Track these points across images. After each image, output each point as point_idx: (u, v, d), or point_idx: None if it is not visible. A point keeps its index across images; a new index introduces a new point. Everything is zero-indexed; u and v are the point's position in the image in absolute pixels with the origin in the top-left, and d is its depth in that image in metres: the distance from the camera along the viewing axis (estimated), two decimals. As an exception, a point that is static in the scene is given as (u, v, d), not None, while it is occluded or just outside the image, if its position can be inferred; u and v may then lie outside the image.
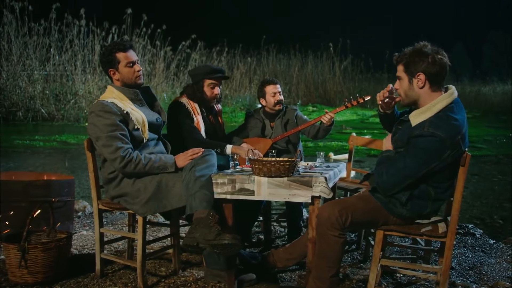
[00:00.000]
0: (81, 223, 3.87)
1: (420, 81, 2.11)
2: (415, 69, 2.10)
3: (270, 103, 3.35)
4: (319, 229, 2.15)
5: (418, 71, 2.10)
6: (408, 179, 2.10)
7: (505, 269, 3.03)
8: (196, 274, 2.75)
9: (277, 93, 3.33)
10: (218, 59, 15.08)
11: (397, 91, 2.22)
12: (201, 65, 3.13)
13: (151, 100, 2.74)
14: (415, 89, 2.13)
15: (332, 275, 2.15)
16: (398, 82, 2.20)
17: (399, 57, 2.17)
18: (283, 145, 3.36)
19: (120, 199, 2.53)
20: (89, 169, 2.61)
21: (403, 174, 2.10)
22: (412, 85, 2.13)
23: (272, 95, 3.33)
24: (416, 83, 2.12)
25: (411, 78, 2.12)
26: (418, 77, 2.11)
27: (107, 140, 2.41)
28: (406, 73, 2.13)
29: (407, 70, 2.13)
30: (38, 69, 11.43)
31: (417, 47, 2.12)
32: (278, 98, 3.34)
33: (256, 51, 17.62)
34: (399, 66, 2.17)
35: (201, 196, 2.32)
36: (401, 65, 2.15)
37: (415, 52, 2.11)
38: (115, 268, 2.81)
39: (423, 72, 2.09)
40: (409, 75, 2.13)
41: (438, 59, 2.07)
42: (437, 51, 2.09)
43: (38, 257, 2.45)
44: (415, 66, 2.09)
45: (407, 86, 2.15)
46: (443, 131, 2.01)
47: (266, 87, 3.35)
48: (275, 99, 3.33)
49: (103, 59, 2.57)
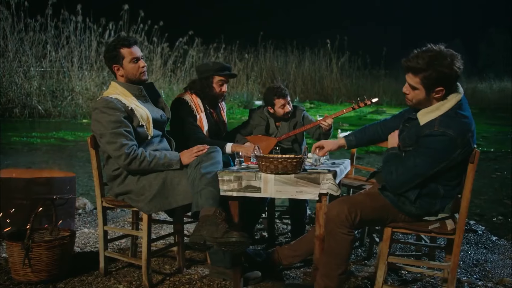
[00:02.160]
0: (82, 221, 3.84)
1: (439, 94, 2.02)
2: (436, 83, 1.98)
3: (279, 114, 3.29)
4: (328, 226, 2.13)
5: (439, 85, 1.99)
6: (417, 178, 2.08)
7: (509, 266, 3.03)
8: (200, 271, 2.73)
9: (286, 104, 3.27)
10: (215, 55, 15.03)
11: (407, 96, 2.12)
12: (211, 61, 3.09)
13: (155, 96, 2.71)
14: (431, 99, 2.06)
15: (340, 273, 2.14)
16: (409, 89, 2.07)
17: (414, 66, 1.98)
18: (288, 144, 3.34)
19: (125, 196, 2.51)
20: (93, 166, 2.58)
21: (413, 173, 2.08)
22: (429, 96, 2.04)
23: (281, 108, 3.27)
24: (434, 95, 2.03)
25: (429, 92, 2.02)
26: (437, 90, 2.01)
27: (112, 137, 2.38)
28: (424, 85, 2.01)
29: (425, 83, 1.99)
30: (34, 66, 11.31)
31: (433, 54, 1.95)
32: (287, 110, 3.28)
33: (253, 48, 17.59)
34: (415, 77, 2.01)
35: (207, 193, 2.30)
36: (417, 77, 2.00)
37: (435, 61, 1.94)
38: (119, 266, 2.79)
39: (443, 85, 1.99)
40: (427, 88, 2.01)
41: (457, 69, 1.97)
42: (455, 57, 1.97)
43: (42, 255, 2.42)
44: (436, 79, 1.97)
45: (422, 97, 2.05)
46: (453, 130, 1.98)
47: (276, 100, 3.25)
48: (284, 111, 3.27)
49: (107, 54, 2.53)
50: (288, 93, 3.31)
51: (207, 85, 3.00)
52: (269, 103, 3.30)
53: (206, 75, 3.01)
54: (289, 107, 3.29)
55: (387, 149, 2.32)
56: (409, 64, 2.01)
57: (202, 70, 3.04)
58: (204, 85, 3.00)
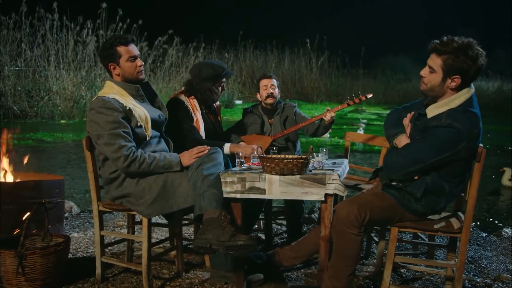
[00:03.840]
0: (70, 225, 3.71)
1: (454, 83, 2.02)
2: (455, 70, 1.98)
3: (262, 97, 3.35)
4: (337, 227, 2.11)
5: (457, 73, 1.99)
6: (417, 163, 2.06)
7: (503, 262, 3.09)
8: (200, 275, 2.67)
9: (269, 86, 3.32)
10: (194, 54, 14.90)
11: (423, 79, 2.10)
12: (209, 65, 2.95)
13: (151, 95, 2.63)
14: (445, 87, 2.05)
15: (349, 274, 2.12)
16: (427, 71, 2.07)
17: (441, 48, 1.98)
18: (282, 143, 3.31)
19: (123, 200, 2.42)
20: (88, 169, 2.48)
21: (414, 157, 2.06)
22: (445, 83, 2.03)
23: (264, 89, 3.33)
24: (449, 83, 2.03)
25: (446, 77, 2.02)
26: (454, 78, 2.01)
27: (110, 138, 2.29)
28: (443, 69, 2.00)
29: (445, 67, 1.99)
30: (8, 65, 10.96)
31: (464, 43, 1.97)
32: (269, 91, 3.31)
33: (233, 47, 17.53)
34: (437, 58, 2.01)
35: (210, 195, 2.24)
36: (440, 59, 1.99)
37: (461, 50, 1.95)
38: (115, 272, 2.69)
39: (461, 75, 1.99)
40: (445, 74, 2.01)
41: (481, 64, 1.98)
42: (482, 54, 1.98)
43: (37, 263, 2.31)
44: (456, 66, 1.97)
45: (438, 82, 2.04)
46: (460, 123, 1.99)
47: (260, 81, 3.38)
48: (266, 92, 3.32)
49: (103, 52, 2.44)
50: (275, 78, 3.40)
51: (208, 89, 2.91)
52: (257, 89, 3.42)
53: (210, 81, 2.89)
54: (272, 90, 3.32)
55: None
56: (437, 45, 2.02)
57: (206, 77, 2.89)
58: (206, 90, 2.92)
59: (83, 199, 4.89)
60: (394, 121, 2.34)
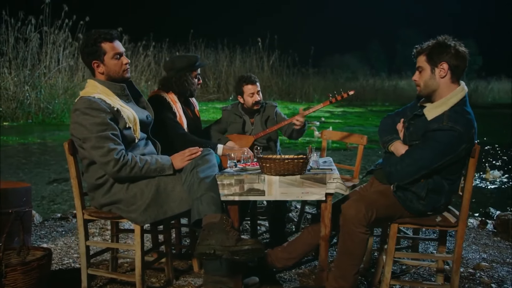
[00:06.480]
0: (36, 235, 3.44)
1: (442, 71, 2.13)
2: (439, 59, 2.13)
3: (248, 103, 3.23)
4: (345, 227, 2.10)
5: (441, 60, 2.13)
6: (422, 170, 2.12)
7: (477, 251, 3.23)
8: (192, 282, 2.56)
9: (255, 93, 3.21)
10: (144, 53, 14.46)
11: (416, 83, 2.23)
12: (183, 55, 2.91)
13: (135, 95, 2.48)
14: (437, 79, 2.15)
15: (355, 273, 2.12)
16: (417, 74, 2.21)
17: (421, 49, 2.19)
18: (263, 142, 3.27)
19: (112, 206, 2.26)
20: (71, 175, 2.30)
21: (419, 165, 2.11)
22: (434, 74, 2.15)
23: (250, 96, 3.20)
24: (438, 73, 2.14)
25: (434, 68, 2.15)
26: (441, 66, 2.13)
27: (97, 142, 2.13)
28: (429, 63, 2.15)
29: (430, 60, 2.15)
30: None
31: (439, 39, 2.16)
32: (256, 99, 3.21)
33: (183, 46, 17.20)
34: (421, 57, 2.18)
35: (209, 199, 2.14)
36: (423, 56, 2.17)
37: (438, 43, 2.15)
38: (100, 284, 2.52)
39: (446, 62, 2.12)
40: (432, 65, 2.15)
41: (461, 51, 2.12)
42: (459, 43, 2.14)
43: (18, 281, 2.10)
44: (438, 56, 2.12)
45: (428, 76, 2.16)
46: (461, 125, 2.05)
47: (244, 86, 3.20)
48: (253, 100, 3.21)
49: (86, 49, 2.26)
50: (258, 80, 3.26)
51: (185, 80, 2.83)
52: (238, 92, 3.25)
53: (185, 71, 2.83)
54: (258, 97, 3.22)
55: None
56: (417, 49, 2.21)
57: (180, 67, 2.84)
58: (183, 81, 2.83)
59: (40, 206, 4.57)
60: (388, 127, 2.40)
